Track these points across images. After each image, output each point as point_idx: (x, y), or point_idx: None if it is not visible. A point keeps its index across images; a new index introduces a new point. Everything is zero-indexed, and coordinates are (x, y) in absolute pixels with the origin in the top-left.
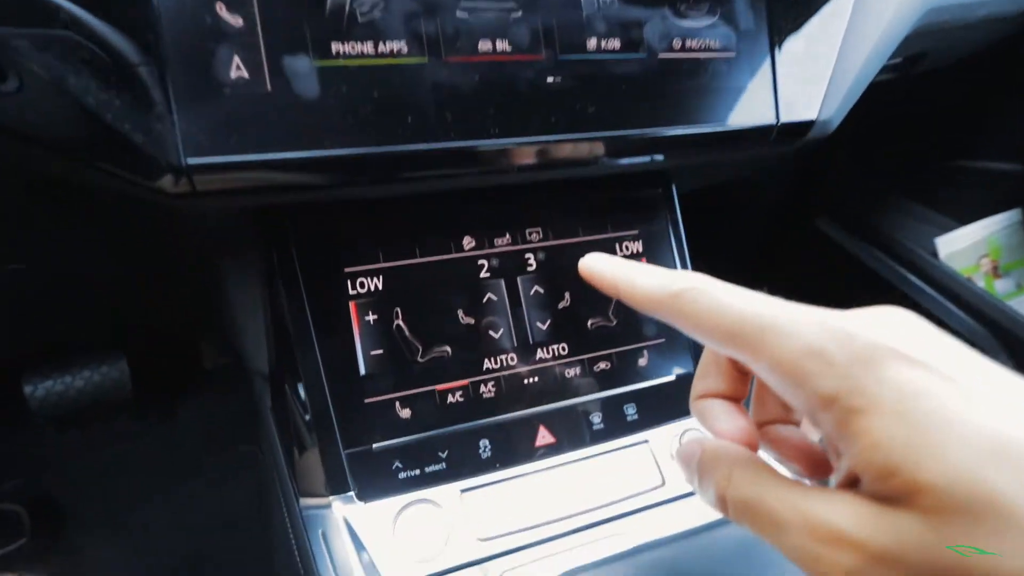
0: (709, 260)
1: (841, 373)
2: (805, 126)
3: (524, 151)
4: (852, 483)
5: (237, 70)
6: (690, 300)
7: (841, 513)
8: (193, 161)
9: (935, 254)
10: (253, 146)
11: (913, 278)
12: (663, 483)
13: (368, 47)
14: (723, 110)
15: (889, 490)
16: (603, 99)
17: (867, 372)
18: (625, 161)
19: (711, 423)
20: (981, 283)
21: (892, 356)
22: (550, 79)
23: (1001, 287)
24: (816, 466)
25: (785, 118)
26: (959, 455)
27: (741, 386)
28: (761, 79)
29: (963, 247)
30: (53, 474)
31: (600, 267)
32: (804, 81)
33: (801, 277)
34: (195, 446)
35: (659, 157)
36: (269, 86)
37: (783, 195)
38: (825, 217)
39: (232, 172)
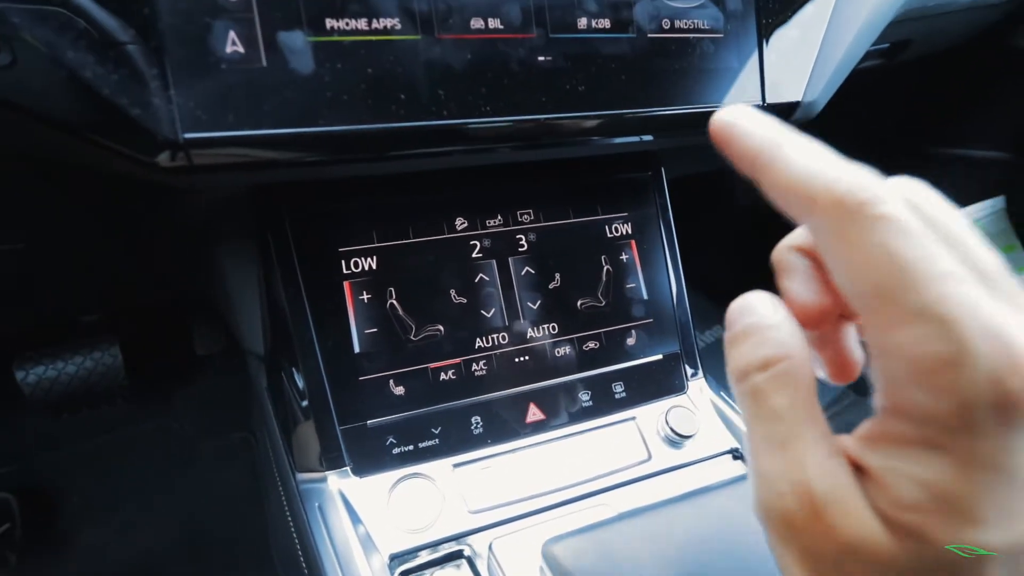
0: (694, 251)
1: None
2: (790, 107)
3: (515, 129)
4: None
5: (233, 45)
6: (866, 219)
7: (844, 498)
8: (190, 136)
9: None
10: (249, 122)
11: None
12: (649, 457)
13: (362, 23)
14: (710, 90)
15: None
16: (593, 78)
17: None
18: (615, 141)
19: (786, 279)
20: None
21: None
22: (541, 58)
23: None
24: (843, 371)
25: (771, 99)
26: None
27: None
28: (748, 60)
29: None
30: (46, 460)
31: (744, 127)
32: (790, 63)
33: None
34: (190, 432)
35: (648, 137)
36: (264, 62)
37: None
38: None
39: (228, 147)
